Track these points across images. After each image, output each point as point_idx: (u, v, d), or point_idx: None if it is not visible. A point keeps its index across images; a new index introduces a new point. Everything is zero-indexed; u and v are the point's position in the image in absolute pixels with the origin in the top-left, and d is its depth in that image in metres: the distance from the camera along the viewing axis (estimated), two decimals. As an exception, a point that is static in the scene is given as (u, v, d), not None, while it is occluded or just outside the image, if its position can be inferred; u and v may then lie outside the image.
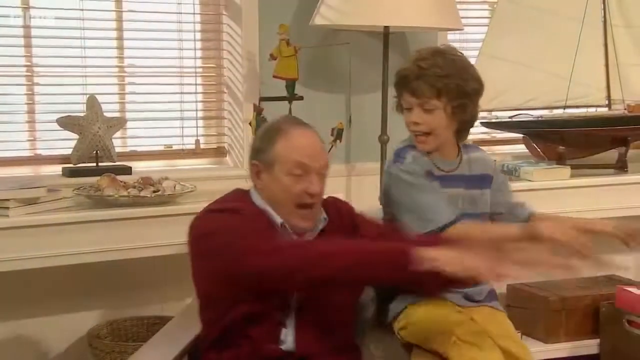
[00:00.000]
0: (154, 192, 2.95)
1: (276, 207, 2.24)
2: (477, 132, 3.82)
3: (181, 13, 3.46)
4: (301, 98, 3.32)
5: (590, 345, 3.65)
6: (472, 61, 2.67)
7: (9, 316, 3.15)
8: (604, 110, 3.78)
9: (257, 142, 2.31)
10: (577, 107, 3.80)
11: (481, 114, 2.98)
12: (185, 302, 3.23)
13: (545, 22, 3.71)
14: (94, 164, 3.23)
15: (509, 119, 3.70)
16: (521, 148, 3.86)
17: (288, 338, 2.18)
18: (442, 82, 2.36)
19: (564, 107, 3.76)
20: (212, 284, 2.19)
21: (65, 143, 3.28)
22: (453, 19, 3.30)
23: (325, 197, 2.33)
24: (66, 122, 3.21)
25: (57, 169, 3.27)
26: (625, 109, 3.79)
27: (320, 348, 2.18)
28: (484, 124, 3.73)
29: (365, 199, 2.66)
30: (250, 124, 3.26)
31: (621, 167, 3.72)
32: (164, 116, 3.49)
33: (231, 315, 2.17)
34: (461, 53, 2.48)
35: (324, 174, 2.26)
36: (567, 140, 3.68)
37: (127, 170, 3.24)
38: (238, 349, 2.17)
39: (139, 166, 3.36)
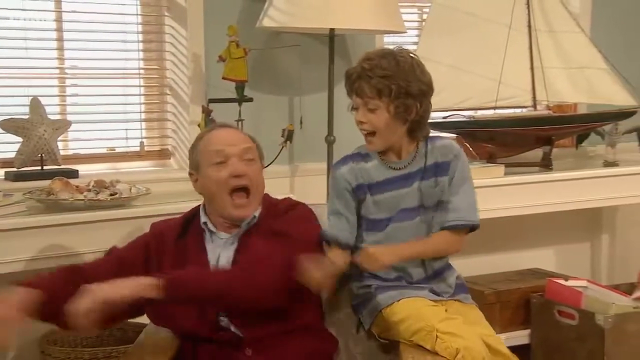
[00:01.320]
0: (111, 195, 2.90)
1: (215, 204, 2.35)
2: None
3: (123, 14, 3.41)
4: (251, 100, 3.33)
5: (522, 336, 3.80)
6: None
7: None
8: (530, 111, 3.93)
9: (189, 155, 2.46)
10: (507, 107, 3.93)
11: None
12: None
13: (476, 26, 3.80)
14: (39, 168, 3.16)
15: (443, 119, 3.81)
16: (454, 147, 3.97)
17: (229, 324, 2.25)
18: (382, 83, 2.38)
19: (495, 108, 3.89)
20: None
21: (5, 147, 3.19)
22: (396, 22, 3.38)
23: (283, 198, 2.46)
24: (9, 125, 3.13)
25: (-1, 172, 3.18)
26: (549, 110, 3.96)
27: (267, 331, 2.23)
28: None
29: (310, 199, 2.68)
30: (199, 125, 3.25)
31: (546, 165, 3.86)
32: (107, 118, 3.43)
33: (177, 320, 2.29)
34: (412, 55, 2.47)
35: (249, 159, 2.35)
36: (496, 140, 3.78)
37: (74, 174, 3.17)
38: (201, 341, 2.26)
39: (82, 169, 3.29)
